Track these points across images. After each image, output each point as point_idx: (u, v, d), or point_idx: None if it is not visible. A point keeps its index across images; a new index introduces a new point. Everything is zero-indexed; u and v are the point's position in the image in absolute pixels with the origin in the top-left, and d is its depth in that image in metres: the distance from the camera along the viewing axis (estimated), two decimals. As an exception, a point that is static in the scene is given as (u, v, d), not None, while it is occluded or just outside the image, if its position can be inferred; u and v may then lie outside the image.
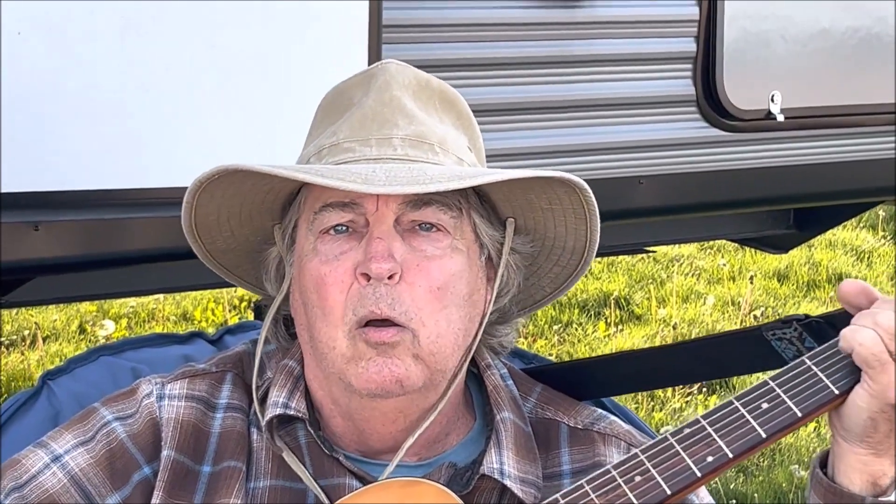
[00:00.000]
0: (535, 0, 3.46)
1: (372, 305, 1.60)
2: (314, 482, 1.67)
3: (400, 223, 1.63)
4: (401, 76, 1.71)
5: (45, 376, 2.00)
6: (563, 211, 1.72)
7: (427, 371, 1.63)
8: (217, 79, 2.96)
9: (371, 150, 1.65)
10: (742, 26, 3.72)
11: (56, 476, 1.69)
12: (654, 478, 1.51)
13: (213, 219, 1.74)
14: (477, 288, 1.69)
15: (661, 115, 3.73)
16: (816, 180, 4.03)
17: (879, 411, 1.48)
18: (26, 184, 2.88)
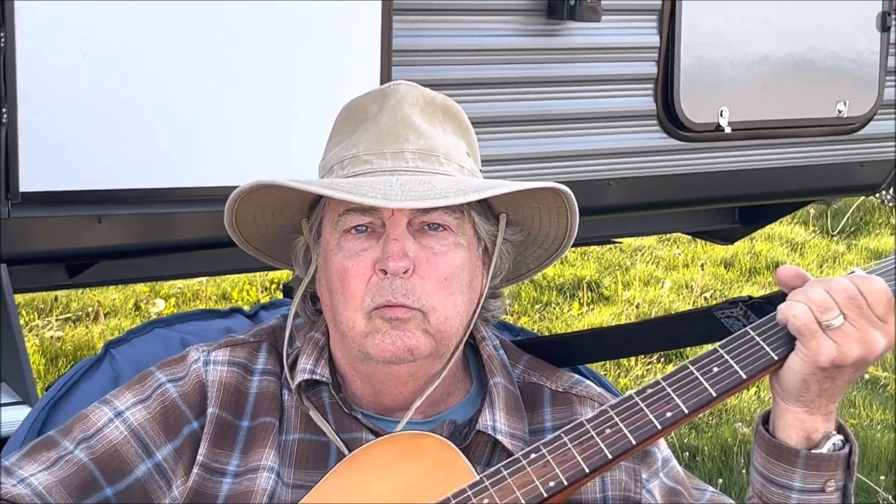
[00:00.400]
0: (521, 29, 3.46)
1: (389, 296, 1.60)
2: (336, 436, 1.67)
3: (412, 224, 1.63)
4: (410, 95, 1.71)
5: (108, 345, 1.99)
6: (548, 209, 1.72)
7: (434, 343, 1.64)
8: (251, 97, 2.97)
9: (387, 162, 1.65)
10: (696, 53, 3.72)
11: (119, 429, 1.69)
12: (622, 430, 1.51)
13: (250, 217, 1.74)
14: (476, 275, 1.70)
15: (627, 127, 3.73)
16: (758, 183, 4.04)
17: (811, 374, 1.48)
18: (91, 183, 2.87)
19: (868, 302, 1.47)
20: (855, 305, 1.46)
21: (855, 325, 1.46)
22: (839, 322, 1.45)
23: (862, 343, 1.46)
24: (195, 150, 2.93)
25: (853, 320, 1.46)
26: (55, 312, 5.19)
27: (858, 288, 1.47)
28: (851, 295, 1.46)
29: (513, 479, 1.51)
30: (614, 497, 1.69)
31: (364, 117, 1.71)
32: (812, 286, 1.48)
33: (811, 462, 1.51)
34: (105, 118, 2.84)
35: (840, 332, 1.46)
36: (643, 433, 1.50)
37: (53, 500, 1.64)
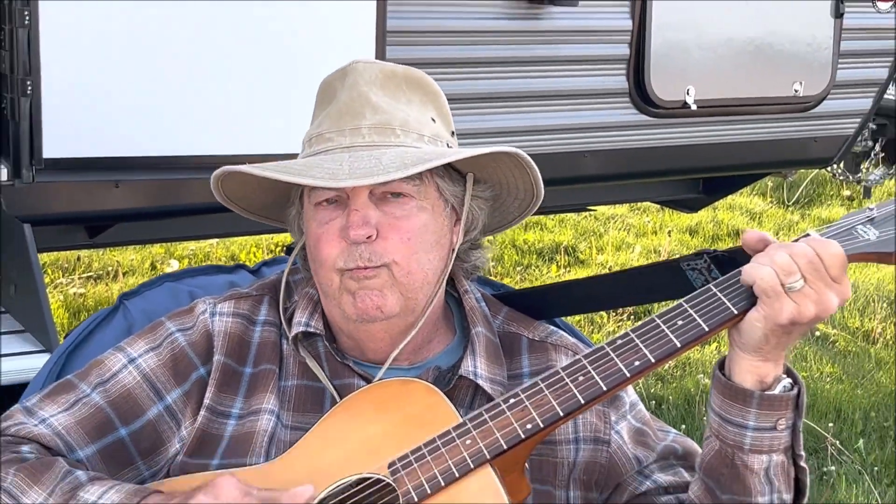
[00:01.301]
0: (505, 12, 3.44)
1: (357, 261, 1.60)
2: (329, 382, 1.67)
3: (374, 194, 1.62)
4: (367, 73, 1.69)
5: (122, 297, 1.98)
6: (506, 166, 1.70)
7: (403, 299, 1.63)
8: (255, 74, 2.97)
9: (345, 139, 1.64)
10: (665, 36, 3.71)
11: (132, 374, 1.68)
12: (594, 377, 1.51)
13: (241, 193, 1.75)
14: (443, 233, 1.68)
15: (602, 104, 3.73)
16: (721, 156, 4.04)
17: (771, 330, 1.47)
18: (109, 150, 2.87)
19: (825, 265, 1.46)
20: (814, 269, 1.46)
21: (813, 287, 1.45)
22: (800, 285, 1.45)
23: (818, 303, 1.46)
24: (205, 121, 2.93)
25: (812, 283, 1.45)
26: (78, 271, 5.19)
27: (817, 252, 1.46)
28: (811, 259, 1.46)
29: (493, 421, 1.51)
30: (585, 437, 1.69)
31: (332, 95, 1.70)
32: (776, 251, 1.47)
33: (764, 402, 1.51)
34: (122, 91, 2.84)
35: (800, 294, 1.45)
36: (613, 380, 1.50)
37: (72, 439, 1.64)
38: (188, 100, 2.90)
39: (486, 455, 1.48)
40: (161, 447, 1.66)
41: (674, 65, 3.75)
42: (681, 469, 1.69)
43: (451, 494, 1.47)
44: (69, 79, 2.78)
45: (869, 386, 4.58)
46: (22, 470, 1.56)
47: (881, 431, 4.22)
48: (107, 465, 1.63)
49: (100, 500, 1.52)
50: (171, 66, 2.88)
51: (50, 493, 1.54)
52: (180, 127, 2.90)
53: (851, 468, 3.92)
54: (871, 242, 1.52)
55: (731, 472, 1.53)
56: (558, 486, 1.66)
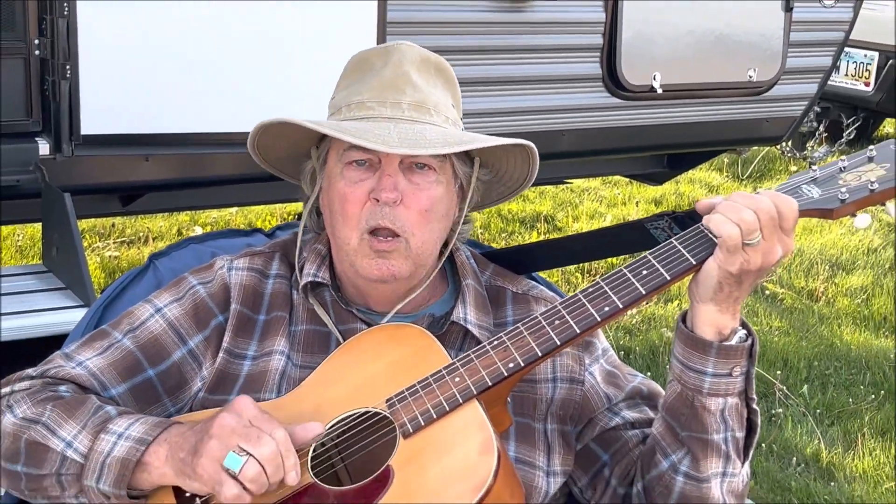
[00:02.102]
0: (492, 5, 3.43)
1: (379, 220, 1.59)
2: (335, 327, 1.67)
3: (402, 163, 1.61)
4: (410, 53, 1.69)
5: (152, 257, 1.98)
6: (514, 157, 1.70)
7: (412, 266, 1.63)
8: (273, 60, 2.96)
9: (386, 110, 1.63)
10: (635, 27, 3.71)
11: (158, 322, 1.68)
12: (568, 321, 1.50)
13: (270, 142, 1.72)
14: (451, 207, 1.68)
15: (578, 88, 3.72)
16: (683, 135, 4.04)
17: (724, 278, 1.47)
18: (140, 128, 2.86)
19: (782, 219, 1.46)
20: (772, 224, 1.45)
21: (766, 241, 1.45)
22: (757, 241, 1.44)
23: (765, 254, 1.45)
24: (227, 101, 2.93)
25: (766, 237, 1.45)
26: (112, 236, 5.18)
27: (777, 206, 1.45)
28: (772, 216, 1.45)
29: (479, 361, 1.50)
30: (562, 377, 1.68)
31: (369, 68, 1.68)
32: (742, 207, 1.45)
33: (722, 351, 1.50)
34: (152, 74, 2.83)
35: (753, 248, 1.44)
36: (585, 323, 1.49)
37: (105, 379, 1.63)
38: (211, 82, 2.90)
39: (473, 391, 1.48)
40: (185, 386, 1.66)
41: (642, 53, 3.74)
42: (646, 408, 1.69)
43: (442, 425, 1.47)
44: (104, 63, 2.77)
45: (812, 338, 4.59)
46: (58, 406, 1.56)
47: (822, 378, 4.24)
48: (136, 402, 1.63)
49: (126, 431, 1.51)
50: (194, 52, 2.88)
51: (83, 427, 1.53)
52: (204, 106, 2.90)
53: (796, 411, 3.94)
54: (815, 200, 1.51)
55: (691, 412, 1.53)
56: (537, 419, 1.66)
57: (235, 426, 1.43)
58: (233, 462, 1.40)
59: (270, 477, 1.41)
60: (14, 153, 2.78)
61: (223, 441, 1.42)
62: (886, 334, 4.71)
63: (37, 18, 2.75)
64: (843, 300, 5.05)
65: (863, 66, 6.89)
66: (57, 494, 1.54)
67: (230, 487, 1.41)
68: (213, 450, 1.42)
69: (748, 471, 1.60)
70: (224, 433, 1.43)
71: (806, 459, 3.63)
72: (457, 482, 1.40)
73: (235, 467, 1.40)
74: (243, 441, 1.42)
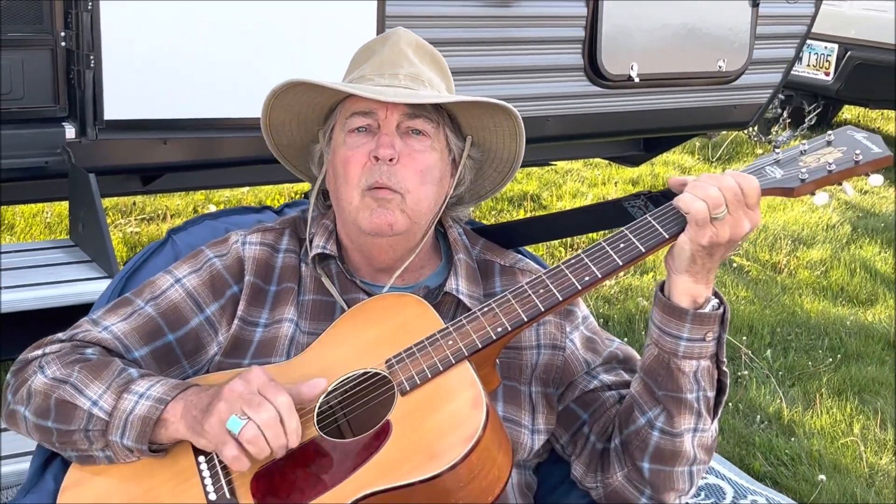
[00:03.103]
0: (484, 1, 3.42)
1: (378, 177, 1.60)
2: (340, 296, 1.67)
3: (399, 128, 1.62)
4: (407, 36, 1.70)
5: (170, 232, 1.97)
6: (502, 132, 1.70)
7: (409, 221, 1.63)
8: (281, 51, 2.94)
9: (384, 79, 1.64)
10: (614, 21, 3.69)
11: (178, 291, 1.68)
12: (551, 290, 1.51)
13: (280, 121, 1.72)
14: (444, 175, 1.68)
15: (562, 77, 3.71)
16: (658, 120, 4.03)
17: (696, 250, 1.47)
18: (159, 113, 2.85)
19: (745, 196, 1.46)
20: (736, 200, 1.45)
21: (732, 216, 1.45)
22: (723, 215, 1.45)
23: (733, 227, 1.45)
24: (238, 89, 2.91)
25: (732, 211, 1.45)
26: (134, 214, 5.17)
27: (740, 185, 1.46)
28: (736, 193, 1.45)
29: (470, 325, 1.51)
30: (545, 344, 1.69)
31: (371, 54, 1.70)
32: (708, 185, 1.46)
33: (696, 318, 1.51)
34: (169, 63, 2.82)
35: (721, 221, 1.45)
36: (567, 291, 1.50)
37: (128, 343, 1.64)
38: (224, 71, 2.89)
39: (464, 352, 1.49)
40: (202, 350, 1.66)
41: (621, 45, 3.73)
42: (622, 371, 1.70)
43: (437, 384, 1.48)
44: (125, 53, 2.76)
45: (775, 307, 4.60)
46: (85, 367, 1.57)
47: (784, 344, 4.26)
48: (157, 364, 1.64)
49: (147, 391, 1.52)
50: (208, 45, 2.87)
51: (108, 387, 1.54)
52: (217, 93, 2.89)
53: (760, 373, 3.96)
54: (777, 179, 1.52)
55: (667, 373, 1.54)
56: (522, 382, 1.67)
57: (243, 392, 1.44)
58: (233, 424, 1.41)
59: (270, 441, 1.41)
60: (43, 137, 2.78)
61: (230, 404, 1.43)
62: (843, 303, 4.72)
63: (63, 12, 2.74)
64: (804, 272, 5.06)
65: (823, 57, 6.88)
66: (85, 448, 1.54)
67: (230, 448, 1.42)
68: (220, 411, 1.43)
69: (717, 427, 1.61)
70: (232, 397, 1.44)
71: (769, 417, 3.65)
72: (450, 434, 1.41)
73: (235, 429, 1.41)
74: (246, 406, 1.42)
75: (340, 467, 1.44)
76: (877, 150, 1.52)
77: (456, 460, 1.38)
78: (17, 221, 4.94)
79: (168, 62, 2.81)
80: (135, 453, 1.52)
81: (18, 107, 2.75)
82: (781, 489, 3.20)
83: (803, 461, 3.37)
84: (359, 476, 1.42)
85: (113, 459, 1.54)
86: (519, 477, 1.67)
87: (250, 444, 1.41)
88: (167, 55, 2.80)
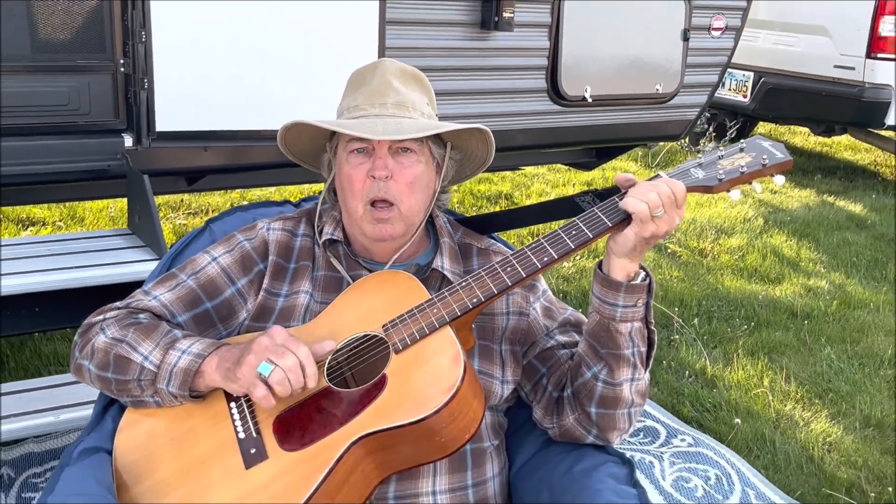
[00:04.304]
0: (465, 35, 3.40)
1: (376, 193, 1.60)
2: (346, 273, 1.67)
3: (391, 149, 1.61)
4: (391, 67, 1.68)
5: (208, 221, 1.97)
6: (476, 140, 1.70)
7: (405, 226, 1.63)
8: (301, 72, 2.92)
9: (375, 109, 1.62)
10: (572, 52, 3.68)
11: (214, 268, 1.67)
12: (517, 268, 1.51)
13: (294, 139, 1.72)
14: (431, 179, 1.67)
15: (529, 98, 3.70)
16: (607, 133, 4.02)
17: (638, 242, 1.48)
18: (201, 125, 2.84)
19: (676, 198, 1.47)
20: (671, 202, 1.46)
21: (668, 214, 1.46)
22: (662, 214, 1.45)
23: (667, 223, 1.47)
24: (266, 106, 2.89)
25: (668, 211, 1.46)
26: (181, 209, 5.14)
27: (672, 190, 1.47)
28: (670, 196, 1.46)
29: (451, 297, 1.51)
30: (513, 311, 1.69)
31: (362, 81, 1.68)
32: (649, 190, 1.47)
33: (629, 289, 1.52)
34: (209, 84, 2.80)
35: (660, 219, 1.46)
36: (529, 269, 1.50)
37: (174, 309, 1.64)
38: (254, 91, 2.88)
39: (446, 318, 1.49)
40: (234, 315, 1.66)
41: (577, 72, 3.72)
42: (574, 333, 1.71)
43: (423, 344, 1.48)
44: (173, 77, 2.74)
45: (702, 284, 4.61)
46: (138, 329, 1.57)
47: (709, 314, 4.27)
48: (197, 327, 1.64)
49: (188, 348, 1.52)
50: (241, 69, 2.85)
51: (156, 345, 1.54)
52: (249, 110, 2.88)
53: (689, 337, 3.97)
54: (699, 179, 1.52)
55: (607, 335, 1.55)
56: (494, 342, 1.67)
57: (269, 345, 1.44)
58: (264, 369, 1.41)
59: (293, 383, 1.42)
60: (106, 145, 2.76)
61: (259, 355, 1.43)
62: (756, 281, 4.74)
63: (122, 44, 2.72)
64: (725, 256, 5.07)
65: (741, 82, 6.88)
66: (137, 394, 1.54)
67: (260, 389, 1.42)
68: (250, 361, 1.43)
69: (648, 377, 1.61)
70: (260, 349, 1.44)
71: (695, 373, 3.67)
72: (434, 385, 1.41)
73: (265, 373, 1.41)
74: (273, 355, 1.43)
75: (346, 412, 1.44)
76: (780, 156, 1.53)
77: (439, 406, 1.38)
78: (87, 215, 4.91)
79: (208, 84, 2.79)
80: (178, 399, 1.52)
81: (86, 121, 2.74)
82: (705, 430, 3.22)
83: (723, 408, 3.39)
84: (361, 419, 1.42)
85: (160, 404, 1.54)
86: (492, 418, 1.67)
87: (277, 385, 1.41)
88: (207, 78, 2.79)
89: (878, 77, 6.00)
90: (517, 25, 3.43)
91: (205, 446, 1.47)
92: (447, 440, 1.41)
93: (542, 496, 1.62)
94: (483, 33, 3.42)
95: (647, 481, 2.83)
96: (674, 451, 3.01)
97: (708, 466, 2.93)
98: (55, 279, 2.49)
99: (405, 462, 1.44)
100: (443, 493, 1.55)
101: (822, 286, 4.66)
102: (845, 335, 4.07)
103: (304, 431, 1.44)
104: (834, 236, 5.49)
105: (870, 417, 3.36)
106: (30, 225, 4.69)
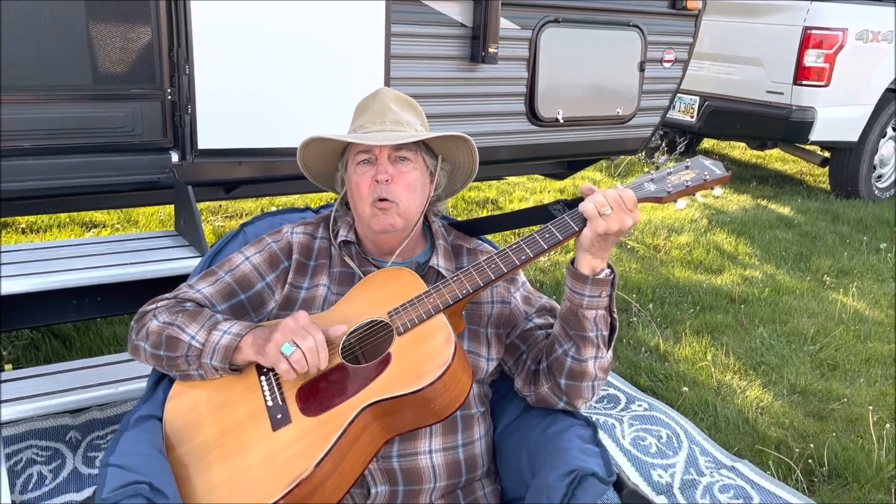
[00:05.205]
0: (456, 67, 3.40)
1: (379, 193, 1.60)
2: (358, 269, 1.67)
3: (390, 158, 1.62)
4: (390, 94, 1.69)
5: (242, 225, 1.97)
6: (463, 151, 1.71)
7: (404, 221, 1.63)
8: (319, 96, 2.92)
9: (376, 125, 1.64)
10: (547, 81, 3.68)
11: (247, 265, 1.68)
12: (499, 264, 1.52)
13: (312, 160, 1.73)
14: (425, 184, 1.68)
15: (511, 119, 3.69)
16: (577, 148, 4.02)
17: (594, 237, 1.49)
18: (235, 143, 2.83)
19: (624, 201, 1.48)
20: (617, 204, 1.47)
21: (615, 214, 1.46)
22: (608, 212, 1.46)
23: (618, 222, 1.47)
24: (292, 126, 2.89)
25: (616, 211, 1.46)
26: (220, 213, 5.14)
27: (619, 195, 1.48)
28: (615, 198, 1.47)
29: (444, 289, 1.52)
30: (497, 300, 1.70)
31: (366, 107, 1.69)
32: (598, 194, 1.48)
33: (595, 282, 1.53)
34: (243, 109, 2.79)
35: (609, 217, 1.46)
36: (510, 265, 1.52)
37: (214, 300, 1.64)
38: (281, 114, 2.87)
39: (440, 307, 1.50)
40: (264, 305, 1.67)
41: (551, 97, 3.72)
42: (549, 317, 1.72)
43: (422, 328, 1.49)
44: (212, 103, 2.74)
45: (656, 275, 4.62)
46: (186, 314, 1.58)
47: (661, 300, 4.28)
48: (233, 314, 1.65)
49: (228, 329, 1.53)
50: (270, 94, 2.85)
51: (201, 327, 1.55)
52: (277, 129, 2.87)
53: (645, 319, 3.98)
54: (651, 191, 1.53)
55: (575, 319, 1.56)
56: (481, 326, 1.68)
57: (293, 327, 1.46)
58: (286, 349, 1.43)
59: (310, 362, 1.44)
60: (156, 161, 2.77)
61: (284, 335, 1.45)
62: (701, 272, 4.75)
63: (169, 76, 2.73)
64: (675, 251, 5.08)
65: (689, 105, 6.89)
66: (185, 369, 1.56)
67: (283, 364, 1.44)
68: (277, 340, 1.45)
69: (611, 355, 1.62)
70: (286, 331, 1.45)
71: (650, 349, 3.68)
72: (430, 361, 1.43)
73: (288, 352, 1.43)
74: (295, 337, 1.44)
75: (356, 384, 1.46)
76: (719, 172, 1.55)
77: (434, 379, 1.40)
78: (140, 218, 4.91)
79: (242, 109, 2.79)
80: (219, 371, 1.53)
81: (139, 140, 2.74)
82: (658, 397, 3.24)
83: (673, 378, 3.40)
84: (369, 389, 1.44)
85: (204, 377, 1.55)
86: (479, 389, 1.69)
87: (297, 363, 1.43)
88: (242, 103, 2.79)
89: (803, 101, 6.05)
90: (500, 59, 3.44)
91: (240, 413, 1.49)
92: (440, 407, 1.42)
93: (521, 454, 1.64)
94: (472, 65, 3.42)
95: (610, 440, 2.85)
96: (632, 415, 3.03)
97: (660, 427, 2.95)
98: (113, 273, 2.50)
99: (406, 426, 1.45)
100: (437, 451, 1.57)
101: (756, 276, 4.68)
102: (775, 317, 4.09)
103: (321, 400, 1.46)
104: (766, 234, 5.50)
105: (795, 385, 3.38)
106: (92, 227, 4.69)
